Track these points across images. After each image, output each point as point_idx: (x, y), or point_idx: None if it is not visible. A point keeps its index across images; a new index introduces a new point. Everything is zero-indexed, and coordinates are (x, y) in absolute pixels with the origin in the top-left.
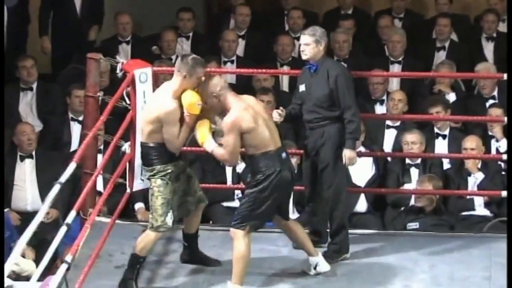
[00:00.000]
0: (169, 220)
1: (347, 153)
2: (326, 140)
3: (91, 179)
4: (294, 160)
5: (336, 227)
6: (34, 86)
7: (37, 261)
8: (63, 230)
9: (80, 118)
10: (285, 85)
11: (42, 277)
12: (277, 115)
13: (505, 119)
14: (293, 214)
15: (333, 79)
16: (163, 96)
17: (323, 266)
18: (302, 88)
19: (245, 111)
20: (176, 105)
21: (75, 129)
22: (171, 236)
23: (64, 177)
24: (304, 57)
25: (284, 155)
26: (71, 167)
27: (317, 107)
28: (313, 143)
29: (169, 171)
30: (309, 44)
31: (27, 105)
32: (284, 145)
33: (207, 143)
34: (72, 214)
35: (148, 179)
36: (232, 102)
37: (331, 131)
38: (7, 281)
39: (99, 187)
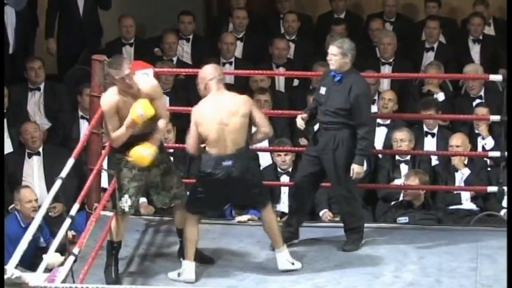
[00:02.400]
0: (124, 204)
1: (355, 168)
2: (339, 144)
3: (95, 175)
4: (288, 158)
5: (355, 219)
6: (42, 86)
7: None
8: (67, 222)
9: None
10: (281, 85)
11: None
12: (301, 120)
13: (491, 117)
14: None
15: (354, 96)
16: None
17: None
18: (322, 91)
19: (203, 106)
20: (108, 102)
21: (84, 127)
22: (172, 229)
23: (64, 172)
24: (331, 67)
25: (226, 163)
26: (70, 162)
27: (333, 113)
28: (325, 144)
29: (121, 158)
30: (335, 55)
31: (35, 104)
32: (235, 155)
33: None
34: (75, 207)
35: None
36: (209, 94)
37: (344, 136)
38: (16, 272)
39: (104, 183)
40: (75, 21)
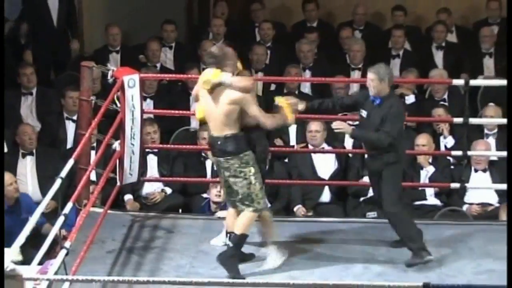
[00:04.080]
0: (264, 202)
1: (344, 127)
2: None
3: (86, 174)
4: None
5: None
6: (34, 91)
7: (37, 247)
8: (61, 219)
9: (74, 118)
10: (259, 89)
11: (42, 261)
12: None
13: (454, 119)
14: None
15: (388, 109)
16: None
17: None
18: (363, 113)
19: None
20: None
21: (70, 127)
22: (156, 224)
23: (64, 172)
24: (370, 92)
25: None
26: (70, 163)
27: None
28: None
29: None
30: (373, 80)
31: (27, 107)
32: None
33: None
34: (69, 205)
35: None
36: None
37: (390, 159)
38: (11, 265)
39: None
40: (49, 31)
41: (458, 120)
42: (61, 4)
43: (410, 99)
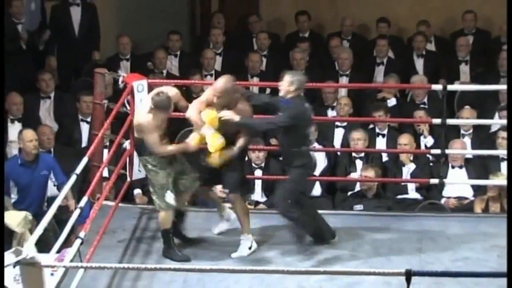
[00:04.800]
0: (170, 199)
1: (229, 113)
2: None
3: (99, 171)
4: (261, 154)
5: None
6: (52, 95)
7: (56, 237)
8: (77, 212)
9: (88, 119)
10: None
11: (60, 250)
12: None
13: (433, 120)
14: (262, 198)
15: (285, 108)
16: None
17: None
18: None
19: None
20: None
21: (84, 128)
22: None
23: (79, 169)
24: (279, 93)
25: None
26: (84, 161)
27: None
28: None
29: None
30: (284, 82)
31: (46, 110)
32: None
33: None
34: (84, 199)
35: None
36: None
37: (296, 163)
38: (32, 252)
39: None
40: (72, 41)
41: (437, 121)
42: (83, 16)
43: (391, 102)
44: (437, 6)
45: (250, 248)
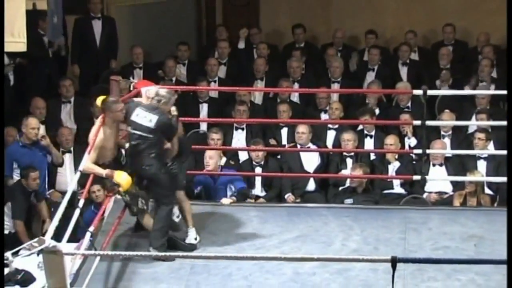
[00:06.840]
0: (142, 205)
1: None
2: None
3: None
4: (261, 153)
5: None
6: (72, 99)
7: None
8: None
9: None
10: (259, 98)
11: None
12: None
13: (414, 122)
14: (261, 193)
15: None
16: None
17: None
18: None
19: None
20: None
21: None
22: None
23: (81, 166)
24: None
25: None
26: (85, 157)
27: None
28: None
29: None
30: None
31: (66, 113)
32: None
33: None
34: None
35: None
36: None
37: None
38: (52, 242)
39: None
40: (93, 51)
41: (417, 122)
42: (104, 28)
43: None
44: (420, 20)
45: (196, 238)
